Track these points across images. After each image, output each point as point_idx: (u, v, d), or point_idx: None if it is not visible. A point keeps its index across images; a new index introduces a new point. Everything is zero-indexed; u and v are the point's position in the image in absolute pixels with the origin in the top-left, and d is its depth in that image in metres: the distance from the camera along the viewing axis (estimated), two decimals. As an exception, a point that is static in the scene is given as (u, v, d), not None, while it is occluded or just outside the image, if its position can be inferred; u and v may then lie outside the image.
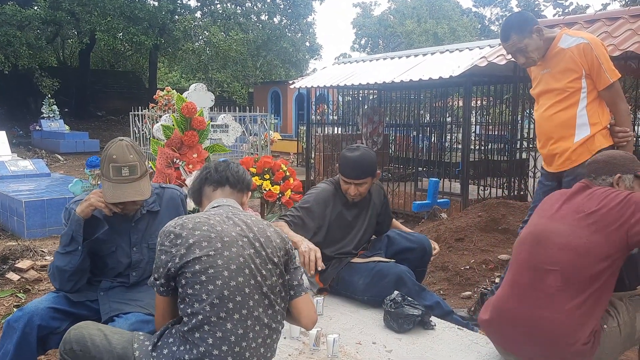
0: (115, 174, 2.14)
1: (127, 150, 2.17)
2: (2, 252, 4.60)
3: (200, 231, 1.77)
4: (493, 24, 40.54)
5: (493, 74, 7.26)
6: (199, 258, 1.72)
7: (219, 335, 1.69)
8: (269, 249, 1.83)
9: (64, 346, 1.82)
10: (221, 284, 1.71)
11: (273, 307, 1.81)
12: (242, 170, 2.13)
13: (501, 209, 4.96)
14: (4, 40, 17.08)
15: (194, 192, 2.12)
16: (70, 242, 2.16)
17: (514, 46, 2.92)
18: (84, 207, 2.16)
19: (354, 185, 2.94)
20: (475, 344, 2.52)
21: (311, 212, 2.94)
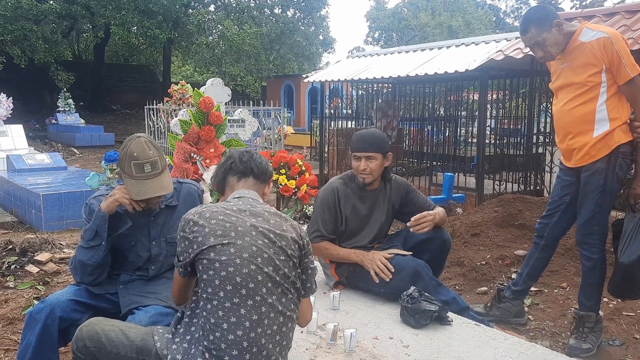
0: (138, 171, 2.17)
1: (147, 146, 2.19)
2: (22, 245, 4.67)
3: (216, 220, 1.82)
4: (508, 17, 40.14)
5: (510, 68, 7.19)
6: (214, 246, 1.77)
7: (233, 321, 1.73)
8: (283, 241, 1.86)
9: (77, 344, 1.84)
10: (233, 271, 1.75)
11: (286, 296, 1.84)
12: (265, 161, 2.15)
13: (518, 204, 4.92)
14: (20, 35, 17.24)
15: (218, 180, 2.13)
16: (94, 237, 2.19)
17: (532, 39, 2.89)
18: (109, 202, 2.18)
19: (364, 159, 2.94)
20: (493, 339, 2.51)
21: (326, 215, 2.98)
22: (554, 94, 3.10)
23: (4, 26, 16.79)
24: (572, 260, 4.13)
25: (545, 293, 3.84)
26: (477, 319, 2.82)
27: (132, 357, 1.80)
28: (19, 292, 3.81)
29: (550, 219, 3.10)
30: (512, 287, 3.27)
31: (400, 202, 3.16)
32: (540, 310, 3.58)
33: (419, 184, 7.38)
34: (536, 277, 3.29)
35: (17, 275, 4.14)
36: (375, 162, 2.95)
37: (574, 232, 3.28)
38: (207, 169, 3.20)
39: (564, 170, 3.06)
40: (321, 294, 3.02)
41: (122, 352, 1.80)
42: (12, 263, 4.31)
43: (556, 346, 3.07)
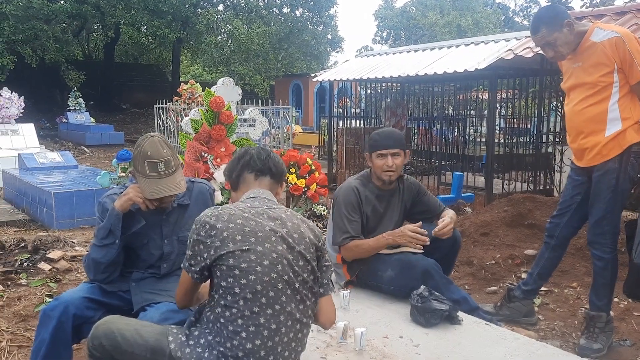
0: (152, 170, 2.18)
1: (160, 145, 2.21)
2: (34, 243, 4.71)
3: (234, 224, 1.78)
4: (517, 15, 39.94)
5: (519, 67, 7.17)
6: (233, 252, 1.74)
7: (252, 330, 1.72)
8: (301, 245, 1.83)
9: (92, 342, 1.84)
10: (254, 279, 1.73)
11: (304, 303, 1.83)
12: (281, 160, 2.14)
13: (527, 203, 4.90)
14: (32, 34, 17.38)
15: (234, 176, 2.05)
16: (108, 235, 2.21)
17: (543, 39, 2.89)
18: (123, 201, 2.20)
19: (390, 156, 2.95)
20: (503, 339, 2.51)
21: (352, 216, 2.98)
22: (566, 93, 3.09)
23: (15, 26, 16.93)
24: (582, 260, 4.11)
25: (555, 293, 3.83)
26: (487, 319, 2.82)
27: (147, 357, 1.81)
28: (31, 290, 3.85)
29: (561, 219, 3.09)
30: (522, 287, 3.27)
31: (412, 202, 3.18)
32: (551, 310, 3.57)
33: (427, 183, 7.37)
34: (547, 277, 3.28)
35: (29, 272, 4.18)
36: (400, 159, 2.99)
37: (584, 232, 3.27)
38: (218, 168, 3.21)
39: (575, 170, 3.06)
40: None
41: (137, 351, 1.81)
42: (24, 260, 4.35)
43: (566, 346, 3.06)
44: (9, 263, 4.31)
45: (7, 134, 10.82)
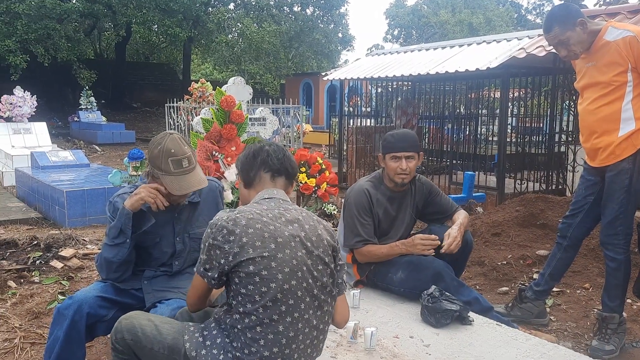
0: (176, 167, 2.21)
1: (181, 142, 2.25)
2: (46, 241, 4.75)
3: (253, 229, 1.74)
4: (530, 13, 39.66)
5: (531, 66, 7.11)
6: (253, 259, 1.71)
7: (271, 337, 1.72)
8: (320, 248, 1.81)
9: (115, 335, 1.86)
10: (275, 287, 1.71)
11: (322, 309, 1.82)
12: (295, 161, 2.11)
13: (540, 203, 4.87)
14: (44, 34, 17.52)
15: (252, 174, 1.97)
16: (119, 235, 2.22)
17: (555, 38, 2.86)
18: (133, 201, 2.21)
19: (404, 159, 2.93)
20: (515, 340, 2.50)
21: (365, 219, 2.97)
22: (579, 93, 3.06)
23: (28, 25, 17.08)
24: (595, 260, 4.08)
25: (567, 294, 3.80)
26: (501, 320, 2.81)
27: (165, 355, 1.82)
28: (43, 287, 3.88)
29: (574, 219, 3.06)
30: (534, 288, 3.25)
31: (424, 203, 3.16)
32: (563, 311, 3.55)
33: (438, 183, 7.34)
34: (558, 278, 3.26)
35: (41, 270, 4.21)
36: (414, 162, 2.96)
37: (597, 233, 3.24)
38: (228, 167, 3.22)
39: (588, 170, 3.03)
40: (341, 292, 3.02)
41: (156, 347, 1.82)
42: (37, 258, 4.39)
43: (579, 347, 3.04)
44: (21, 261, 4.35)
45: (20, 133, 10.91)
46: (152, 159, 2.25)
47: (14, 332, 3.17)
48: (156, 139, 2.29)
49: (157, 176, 2.25)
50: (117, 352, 1.88)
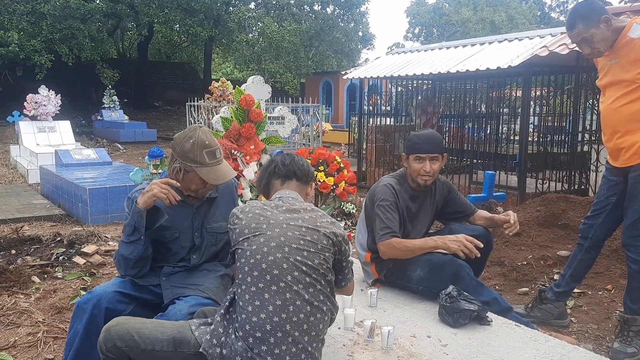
0: (211, 158, 2.29)
1: (211, 134, 2.33)
2: (69, 237, 4.84)
3: (252, 214, 1.99)
4: (553, 11, 39.11)
5: (554, 64, 7.02)
6: (247, 237, 1.93)
7: (257, 304, 1.84)
8: (315, 235, 1.95)
9: (106, 345, 1.88)
10: (260, 258, 1.88)
11: (314, 286, 1.90)
12: (306, 162, 2.27)
13: (561, 203, 4.80)
14: (68, 33, 17.80)
15: (263, 185, 2.25)
16: (133, 232, 2.25)
17: (579, 35, 2.82)
18: (146, 198, 2.22)
19: (428, 161, 2.91)
20: (534, 340, 2.47)
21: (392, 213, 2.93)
22: (601, 91, 3.01)
23: (52, 25, 17.37)
24: (617, 262, 4.01)
25: (589, 295, 3.75)
26: (520, 321, 2.77)
27: (169, 351, 1.85)
28: (66, 283, 3.95)
29: (595, 220, 3.02)
30: (554, 289, 3.21)
31: (444, 202, 3.15)
32: (584, 313, 3.50)
33: (458, 182, 7.29)
34: (580, 279, 3.22)
35: (64, 266, 4.29)
36: (438, 163, 2.94)
37: (620, 233, 3.18)
38: (247, 165, 3.24)
39: (610, 170, 2.98)
40: (359, 291, 3.02)
41: (158, 347, 1.85)
42: (60, 254, 4.47)
43: (600, 350, 3.00)
44: (45, 256, 4.43)
45: (45, 131, 11.11)
46: (183, 153, 2.28)
47: (37, 327, 3.23)
48: (185, 133, 2.32)
49: (189, 170, 2.29)
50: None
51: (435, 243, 2.83)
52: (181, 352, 1.86)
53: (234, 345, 1.81)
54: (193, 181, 2.33)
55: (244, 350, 1.80)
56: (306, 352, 1.85)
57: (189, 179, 2.32)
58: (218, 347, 1.83)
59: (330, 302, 1.98)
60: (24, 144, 10.85)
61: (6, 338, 3.10)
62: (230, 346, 1.82)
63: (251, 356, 1.79)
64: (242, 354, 1.80)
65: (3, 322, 3.29)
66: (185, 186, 2.36)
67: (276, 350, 1.80)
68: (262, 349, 1.80)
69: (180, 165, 2.29)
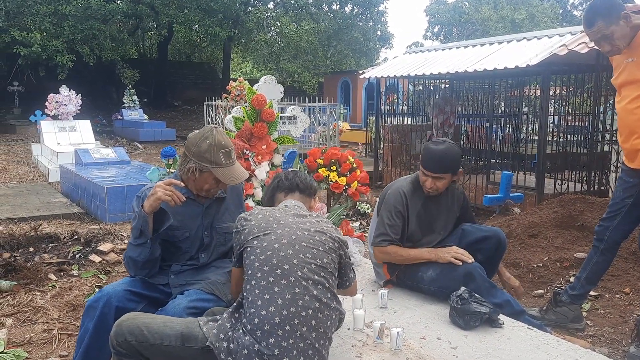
0: (227, 159, 2.31)
1: (226, 135, 2.36)
2: (86, 235, 4.90)
3: (262, 215, 2.06)
4: (576, 9, 38.47)
5: (573, 63, 6.90)
6: (257, 236, 1.98)
7: (267, 297, 1.86)
8: (323, 235, 2.04)
9: (117, 339, 1.91)
10: (271, 254, 1.92)
11: (323, 284, 1.95)
12: (309, 177, 2.40)
13: (579, 204, 4.72)
14: (90, 34, 18.04)
15: (267, 199, 2.36)
16: (140, 236, 2.26)
17: (599, 33, 2.75)
18: (152, 201, 2.21)
19: (431, 178, 2.90)
20: (546, 344, 2.43)
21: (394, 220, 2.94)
22: (617, 90, 2.95)
23: (74, 26, 17.62)
24: (636, 264, 3.94)
25: (606, 298, 3.68)
26: (533, 324, 2.74)
27: (177, 346, 1.87)
28: (82, 280, 4.00)
29: (611, 222, 2.96)
30: (569, 292, 3.15)
31: (460, 211, 3.13)
32: (600, 316, 3.44)
33: (476, 182, 7.23)
34: (595, 282, 3.16)
35: (80, 264, 4.35)
36: (444, 181, 2.92)
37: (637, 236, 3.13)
38: (259, 165, 3.25)
39: (626, 171, 2.91)
40: (369, 292, 3.01)
41: (166, 342, 1.87)
42: (76, 252, 4.53)
43: (615, 354, 2.95)
44: (62, 254, 4.50)
45: (65, 130, 11.28)
46: (200, 153, 2.29)
47: (52, 324, 3.28)
48: (201, 134, 2.33)
49: (205, 170, 2.30)
50: (121, 356, 1.93)
51: (429, 256, 2.87)
52: (189, 347, 1.88)
53: (241, 339, 1.83)
54: (207, 181, 2.34)
55: (251, 344, 1.81)
56: (313, 348, 1.86)
57: (203, 179, 2.33)
58: (225, 342, 1.85)
59: (337, 302, 2.01)
60: (45, 143, 11.03)
61: (22, 334, 3.15)
62: (238, 340, 1.83)
63: (258, 349, 1.80)
64: (249, 347, 1.81)
65: (19, 319, 3.34)
66: (198, 186, 2.37)
67: (284, 343, 1.81)
68: (270, 341, 1.81)
69: (196, 165, 2.30)
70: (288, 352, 1.81)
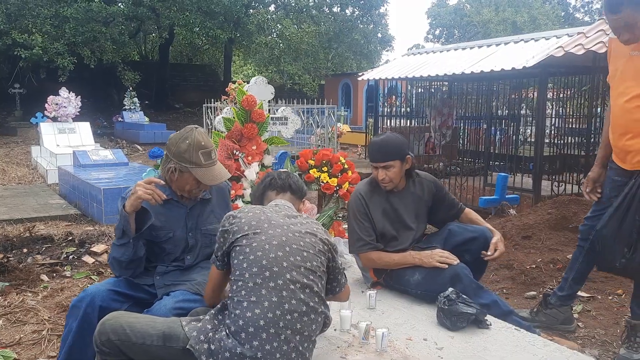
0: (207, 159, 2.30)
1: (207, 135, 2.35)
2: (80, 236, 4.91)
3: (252, 213, 2.02)
4: (578, 11, 38.44)
5: (572, 64, 6.90)
6: (247, 234, 1.94)
7: (253, 300, 1.84)
8: (313, 237, 2.01)
9: (100, 338, 1.91)
10: (261, 255, 1.89)
11: (311, 288, 1.92)
12: (301, 180, 2.38)
13: (573, 206, 4.72)
14: (91, 36, 18.07)
15: (257, 196, 2.32)
16: (123, 236, 2.26)
17: (622, 20, 2.58)
18: (132, 200, 2.21)
19: (381, 169, 2.89)
20: (532, 345, 2.42)
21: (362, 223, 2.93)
22: (613, 83, 2.86)
23: (75, 28, 17.65)
24: (630, 266, 3.91)
25: (598, 299, 3.66)
26: (521, 324, 2.72)
27: (158, 346, 1.87)
28: (74, 281, 4.00)
29: (596, 221, 2.93)
30: (558, 293, 3.14)
31: (433, 200, 3.09)
32: (592, 318, 3.42)
33: (473, 184, 7.22)
34: (582, 281, 3.15)
35: (73, 265, 4.35)
36: (394, 169, 2.89)
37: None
38: (249, 166, 3.25)
39: (615, 170, 2.85)
40: (358, 293, 3.00)
41: (148, 341, 1.87)
42: (70, 253, 4.53)
43: (606, 356, 2.93)
44: (55, 255, 4.50)
45: (65, 132, 11.29)
46: (179, 153, 2.29)
47: (42, 325, 3.28)
48: (180, 134, 2.34)
49: (185, 170, 2.30)
50: (104, 355, 1.93)
51: (413, 260, 2.85)
52: (170, 346, 1.88)
53: (224, 341, 1.81)
54: (188, 182, 2.34)
55: (234, 346, 1.80)
56: (297, 351, 1.85)
57: (184, 179, 2.33)
58: (205, 343, 1.84)
59: (324, 306, 2.00)
60: (44, 145, 11.05)
61: (12, 335, 3.15)
62: (220, 341, 1.82)
63: (241, 352, 1.79)
64: (231, 349, 1.80)
65: (10, 320, 3.34)
66: (179, 186, 2.37)
67: (267, 346, 1.80)
68: (254, 344, 1.79)
69: (176, 165, 2.31)
70: (271, 355, 1.80)
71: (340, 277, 2.17)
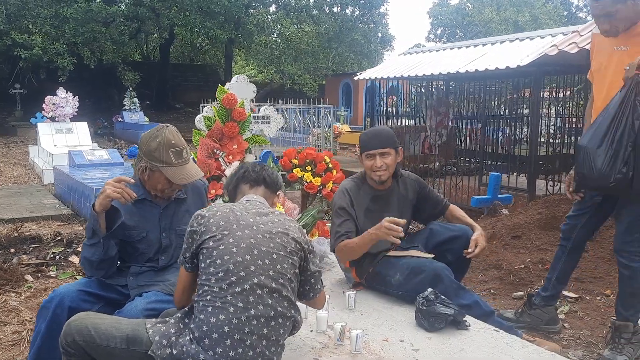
0: (177, 158, 2.26)
1: (178, 134, 2.31)
2: (69, 236, 4.88)
3: (221, 213, 1.93)
4: (581, 11, 38.30)
5: (567, 63, 6.84)
6: (214, 236, 1.87)
7: (218, 305, 1.79)
8: (284, 237, 1.94)
9: (65, 339, 1.88)
10: (228, 259, 1.83)
11: (280, 292, 1.87)
12: (276, 173, 2.27)
13: (563, 205, 4.67)
14: (91, 37, 18.10)
15: (230, 189, 2.23)
16: (93, 235, 2.23)
17: (603, 9, 2.59)
18: (101, 199, 2.19)
19: (378, 156, 2.85)
20: (510, 347, 2.39)
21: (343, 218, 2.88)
22: (595, 80, 2.82)
23: (75, 29, 17.68)
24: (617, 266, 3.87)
25: (586, 300, 3.62)
26: (502, 325, 2.69)
27: (122, 348, 1.84)
28: (59, 282, 3.97)
29: (578, 220, 2.90)
30: (541, 293, 3.10)
31: (418, 197, 3.07)
32: (579, 319, 3.38)
33: (468, 184, 7.17)
34: (566, 281, 3.12)
35: (59, 265, 4.32)
36: (390, 157, 2.87)
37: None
38: (229, 165, 3.22)
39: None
40: (339, 293, 2.97)
41: (112, 344, 1.84)
42: (57, 253, 4.51)
43: (590, 357, 2.89)
44: (42, 255, 4.48)
45: (62, 132, 11.27)
46: (150, 152, 2.26)
47: (23, 325, 3.25)
48: (151, 132, 2.31)
49: (155, 169, 2.27)
50: (69, 356, 1.90)
51: (370, 235, 2.70)
52: (133, 349, 1.85)
53: (187, 347, 1.78)
54: (159, 181, 2.31)
55: (196, 353, 1.76)
56: (264, 356, 1.82)
57: (155, 178, 2.30)
58: (168, 348, 1.80)
59: (294, 310, 1.94)
60: (41, 145, 11.03)
61: (-9, 336, 3.12)
62: (182, 347, 1.78)
63: (204, 358, 1.75)
64: (194, 356, 1.76)
65: (-9, 320, 3.32)
66: (151, 186, 2.34)
67: (231, 352, 1.76)
68: (217, 350, 1.76)
69: (146, 164, 2.28)
70: None
71: (315, 281, 2.07)
